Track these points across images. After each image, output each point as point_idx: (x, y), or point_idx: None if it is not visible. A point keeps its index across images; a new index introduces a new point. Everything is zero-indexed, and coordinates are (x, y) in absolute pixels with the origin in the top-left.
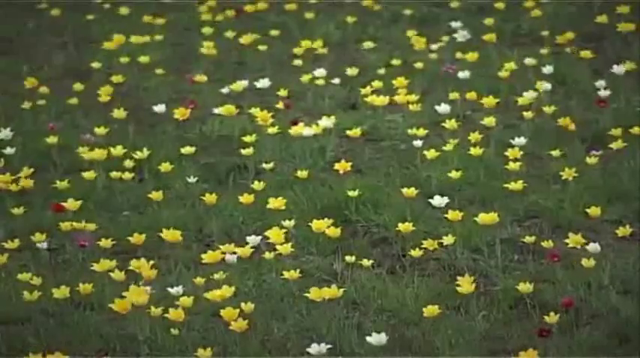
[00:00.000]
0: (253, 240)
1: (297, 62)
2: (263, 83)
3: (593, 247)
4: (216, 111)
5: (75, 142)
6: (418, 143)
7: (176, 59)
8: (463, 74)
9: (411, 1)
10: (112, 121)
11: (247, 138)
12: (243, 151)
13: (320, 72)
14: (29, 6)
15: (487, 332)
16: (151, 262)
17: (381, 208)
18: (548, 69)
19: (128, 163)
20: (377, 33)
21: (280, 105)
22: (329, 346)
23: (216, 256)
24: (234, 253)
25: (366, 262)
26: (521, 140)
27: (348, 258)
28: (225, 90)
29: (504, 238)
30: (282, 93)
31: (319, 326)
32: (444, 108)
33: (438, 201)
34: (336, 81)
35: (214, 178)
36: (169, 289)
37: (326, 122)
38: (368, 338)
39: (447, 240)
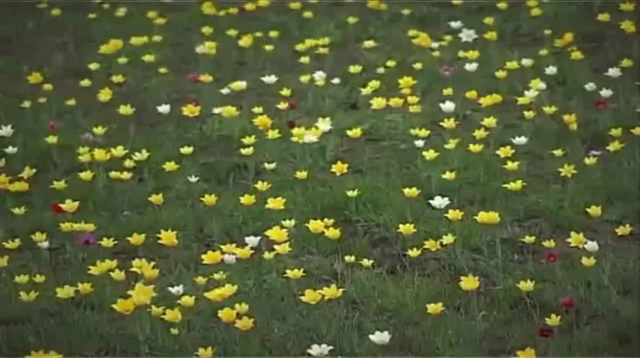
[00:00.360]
0: (253, 240)
1: (298, 62)
2: (264, 82)
3: (592, 246)
4: (217, 111)
5: (75, 142)
6: (418, 143)
7: (176, 59)
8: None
9: (412, 0)
10: (112, 121)
11: (247, 138)
12: (243, 151)
13: (320, 72)
14: (29, 6)
15: (487, 332)
16: (152, 262)
17: (381, 208)
18: (548, 69)
19: (128, 163)
20: (377, 32)
21: (281, 105)
22: (330, 347)
23: (216, 256)
24: (234, 253)
25: (366, 262)
26: (521, 140)
27: (348, 258)
28: (225, 90)
29: (504, 238)
30: (283, 92)
31: (319, 326)
32: (444, 108)
33: (439, 201)
34: (337, 81)
35: (214, 178)
36: (170, 289)
37: (324, 126)
38: (371, 337)
39: (447, 239)
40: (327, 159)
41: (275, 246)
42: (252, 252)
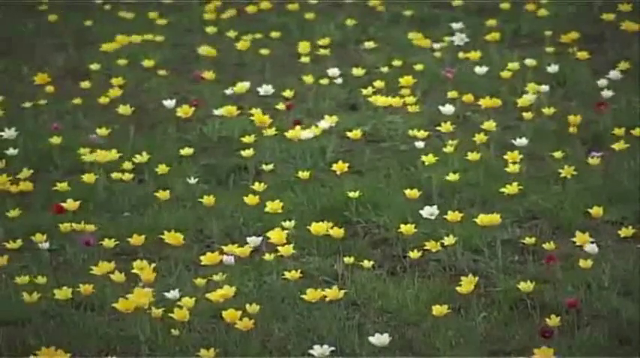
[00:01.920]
0: (253, 241)
1: (298, 63)
2: (264, 83)
3: (592, 247)
4: (217, 112)
5: (76, 143)
6: (418, 144)
7: (177, 60)
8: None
9: (412, 1)
10: (112, 122)
11: (247, 139)
12: (244, 152)
13: (321, 72)
14: (29, 7)
15: (487, 333)
16: (152, 264)
17: (381, 209)
18: (548, 70)
19: (129, 164)
20: (377, 33)
21: (281, 106)
22: (332, 348)
23: (215, 257)
24: (234, 253)
25: (366, 263)
26: (522, 141)
27: (348, 259)
28: (226, 91)
29: (505, 239)
30: (283, 94)
31: (320, 327)
32: (444, 109)
33: (429, 211)
34: (337, 82)
35: (214, 179)
36: (166, 294)
37: (324, 124)
38: (370, 339)
39: (448, 241)
40: (328, 160)
41: (277, 248)
42: (253, 251)
